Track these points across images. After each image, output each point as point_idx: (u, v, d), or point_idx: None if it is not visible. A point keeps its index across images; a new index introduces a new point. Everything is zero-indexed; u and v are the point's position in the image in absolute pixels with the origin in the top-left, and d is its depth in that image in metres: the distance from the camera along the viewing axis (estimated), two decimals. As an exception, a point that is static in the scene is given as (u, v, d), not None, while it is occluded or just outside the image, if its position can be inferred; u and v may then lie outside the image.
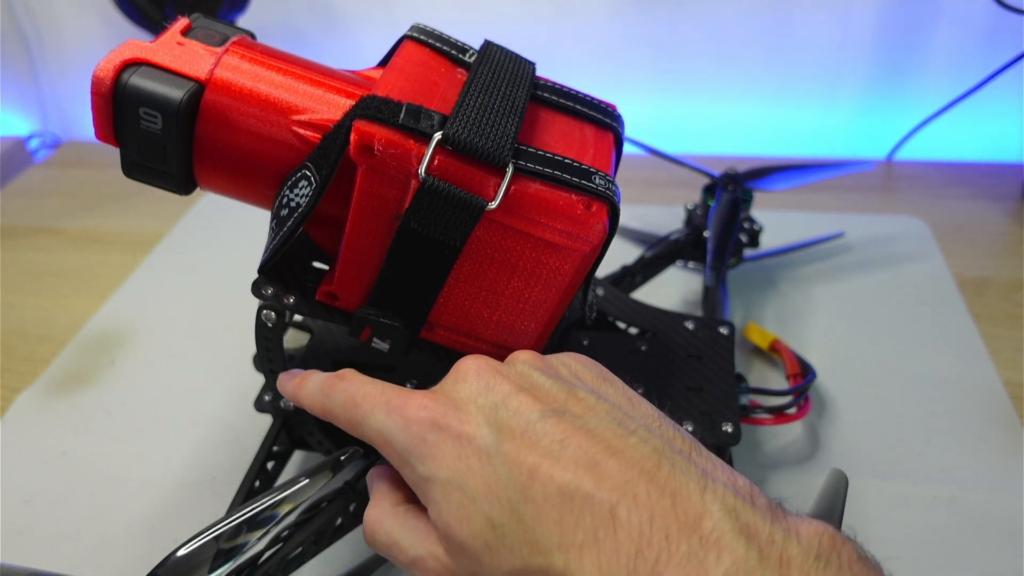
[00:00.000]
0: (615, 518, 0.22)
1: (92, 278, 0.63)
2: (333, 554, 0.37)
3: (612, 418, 0.25)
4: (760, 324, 0.52)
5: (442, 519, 0.24)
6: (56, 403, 0.50)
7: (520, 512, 0.23)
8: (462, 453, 0.24)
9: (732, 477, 0.24)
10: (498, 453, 0.24)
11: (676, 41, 0.75)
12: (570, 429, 0.24)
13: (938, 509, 0.40)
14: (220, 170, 0.30)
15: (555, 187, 0.28)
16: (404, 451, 0.26)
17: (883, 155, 0.75)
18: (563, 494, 0.22)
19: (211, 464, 0.45)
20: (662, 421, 0.26)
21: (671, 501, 0.22)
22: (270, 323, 0.33)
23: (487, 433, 0.24)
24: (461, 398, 0.26)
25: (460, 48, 0.32)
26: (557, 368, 0.28)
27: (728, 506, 0.22)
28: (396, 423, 0.26)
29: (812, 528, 0.22)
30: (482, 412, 0.25)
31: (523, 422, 0.24)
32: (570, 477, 0.23)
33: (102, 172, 0.79)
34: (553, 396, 0.26)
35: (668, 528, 0.21)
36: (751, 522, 0.21)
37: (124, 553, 0.40)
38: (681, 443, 0.25)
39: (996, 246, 0.61)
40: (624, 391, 0.28)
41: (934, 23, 0.70)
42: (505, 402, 0.25)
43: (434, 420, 0.25)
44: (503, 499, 0.23)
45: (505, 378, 0.26)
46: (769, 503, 0.23)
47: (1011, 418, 0.45)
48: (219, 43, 0.29)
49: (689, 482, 0.22)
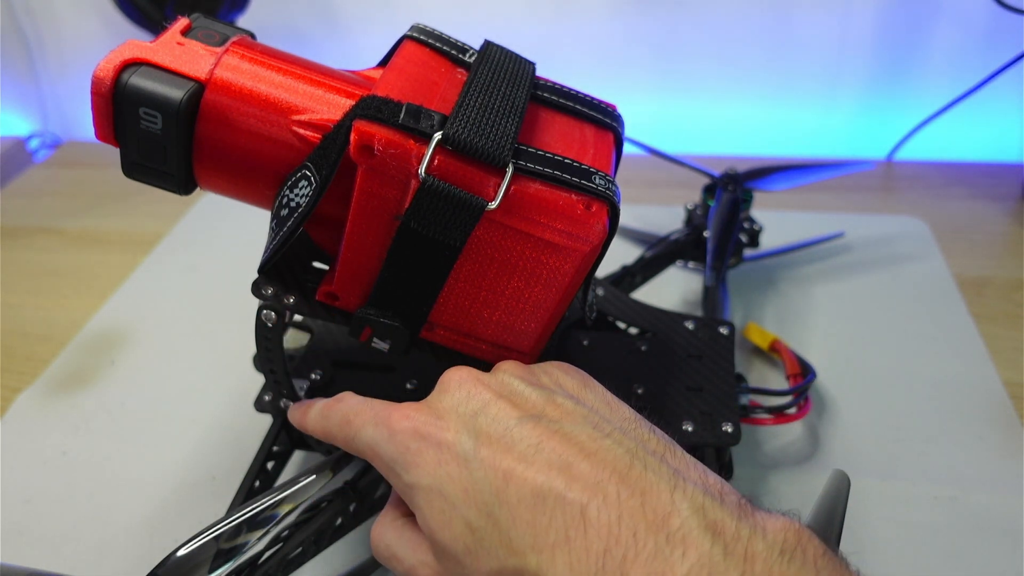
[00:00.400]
0: (585, 518, 0.22)
1: (92, 278, 0.63)
2: (333, 554, 0.37)
3: (588, 422, 0.26)
4: (760, 324, 0.52)
5: (427, 525, 0.25)
6: (56, 403, 0.50)
7: (496, 515, 0.23)
8: (442, 459, 0.25)
9: (704, 476, 0.24)
10: (475, 458, 0.25)
11: (676, 41, 0.75)
12: (545, 433, 0.25)
13: (938, 509, 0.40)
14: (220, 170, 0.30)
15: (555, 187, 0.28)
16: (390, 460, 0.27)
17: (883, 155, 0.75)
18: (536, 496, 0.23)
19: (211, 464, 0.45)
20: (639, 424, 0.27)
21: (640, 500, 0.22)
22: (270, 323, 0.33)
23: (465, 439, 0.25)
24: (444, 407, 0.27)
25: (460, 48, 0.32)
26: (539, 376, 0.29)
27: (696, 504, 0.22)
28: (382, 434, 0.27)
29: (779, 524, 0.22)
30: (462, 420, 0.26)
31: (500, 428, 0.25)
32: (543, 479, 0.23)
33: (102, 172, 0.79)
34: (532, 403, 0.27)
35: (636, 526, 0.22)
36: (718, 519, 0.22)
37: (124, 553, 0.40)
38: (655, 444, 0.26)
39: (996, 246, 0.61)
40: (603, 396, 0.29)
41: (934, 23, 0.70)
42: (484, 409, 0.26)
43: (416, 429, 0.26)
44: (480, 503, 0.24)
45: (486, 387, 0.27)
46: (739, 500, 0.24)
47: (1011, 418, 0.45)
48: (219, 43, 0.29)
49: (660, 482, 0.23)
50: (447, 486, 0.25)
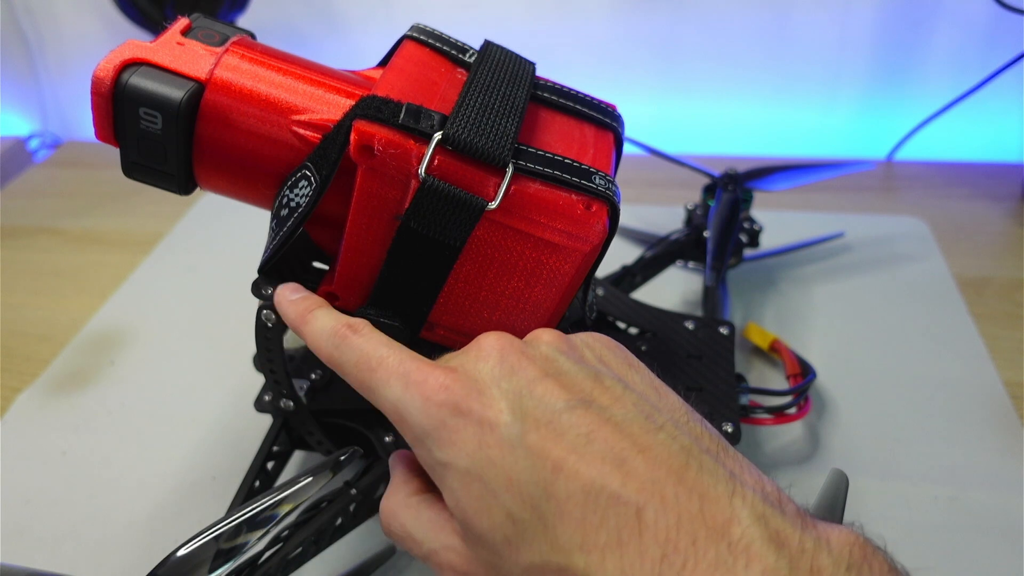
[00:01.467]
0: (641, 520, 0.21)
1: (92, 278, 0.63)
2: (333, 554, 0.37)
3: (639, 411, 0.24)
4: (760, 324, 0.52)
5: (460, 508, 0.24)
6: (56, 403, 0.50)
7: (541, 508, 0.22)
8: (484, 442, 0.23)
9: (760, 481, 0.23)
10: (521, 444, 0.23)
11: (676, 41, 0.75)
12: (597, 422, 0.23)
13: (938, 509, 0.40)
14: (220, 170, 0.30)
15: (555, 187, 0.28)
16: (421, 431, 0.24)
17: (883, 155, 0.75)
18: (587, 492, 0.22)
19: (211, 464, 0.45)
20: (689, 416, 0.25)
21: (699, 504, 0.21)
22: (270, 323, 0.33)
23: (511, 421, 0.23)
24: (483, 379, 0.25)
25: (460, 48, 0.32)
26: (582, 351, 0.27)
27: (757, 512, 0.21)
28: (413, 400, 0.25)
29: (843, 537, 0.21)
30: (506, 397, 0.24)
31: (548, 412, 0.23)
32: (595, 474, 0.22)
33: (102, 172, 0.79)
34: (579, 384, 0.25)
35: (696, 533, 0.20)
36: (781, 529, 0.21)
37: (124, 553, 0.40)
38: (709, 441, 0.24)
39: (996, 246, 0.61)
40: (650, 379, 0.27)
41: (934, 23, 0.70)
42: (530, 388, 0.24)
43: (455, 403, 0.24)
44: (525, 494, 0.22)
45: (530, 361, 0.25)
46: (798, 509, 0.22)
47: (1011, 418, 0.45)
48: (219, 43, 0.29)
49: (718, 485, 0.22)
50: (488, 471, 0.23)
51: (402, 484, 0.28)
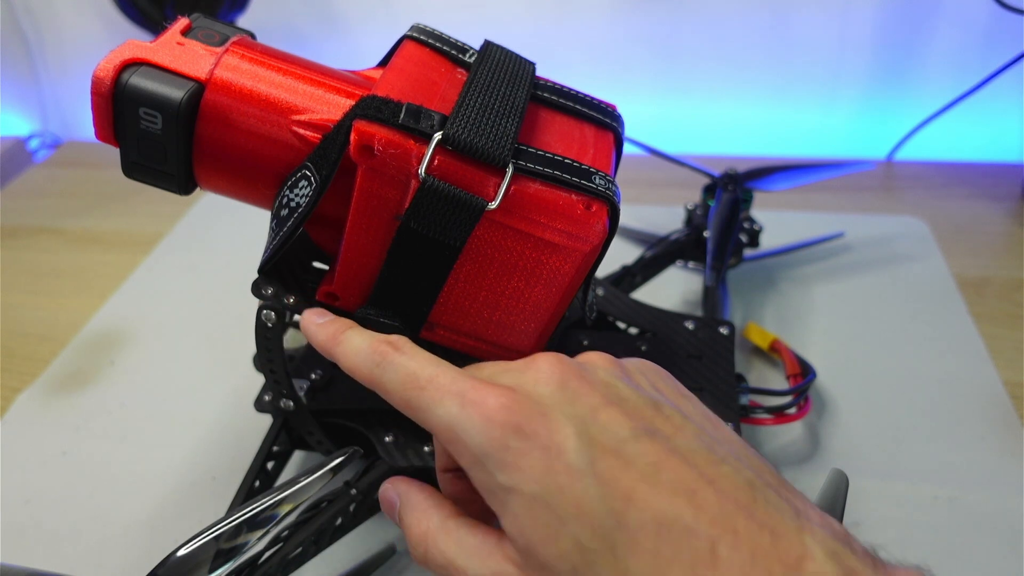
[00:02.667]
0: (715, 554, 0.20)
1: (92, 278, 0.63)
2: (333, 554, 0.37)
3: (701, 442, 0.23)
4: (760, 324, 0.52)
5: (524, 535, 0.23)
6: (56, 403, 0.50)
7: (613, 539, 0.21)
8: (551, 467, 0.22)
9: (824, 518, 0.23)
10: (590, 472, 0.22)
11: (676, 41, 0.75)
12: (663, 451, 0.22)
13: (938, 509, 0.40)
14: (220, 170, 0.30)
15: (555, 187, 0.28)
16: (481, 453, 0.23)
17: (883, 155, 0.75)
18: (660, 523, 0.21)
19: (211, 464, 0.45)
20: (746, 448, 0.25)
21: (771, 539, 0.21)
22: (270, 323, 0.33)
23: (578, 447, 0.22)
24: (546, 403, 0.24)
25: (460, 48, 0.32)
26: (637, 378, 0.26)
27: (829, 549, 0.21)
28: (472, 420, 0.23)
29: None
30: (572, 423, 0.23)
31: (614, 440, 0.23)
32: (667, 505, 0.21)
33: (102, 172, 0.79)
34: (641, 412, 0.24)
35: (771, 569, 0.20)
36: (854, 568, 0.20)
37: (124, 553, 0.40)
38: (770, 476, 0.24)
39: (996, 246, 0.61)
40: (703, 409, 0.26)
41: (934, 23, 0.70)
42: (594, 415, 0.23)
43: (518, 425, 0.23)
44: (595, 523, 0.21)
45: (592, 387, 0.24)
46: (865, 549, 0.22)
47: (1011, 418, 0.45)
48: (219, 43, 0.29)
49: (785, 520, 0.21)
50: (556, 498, 0.22)
51: (431, 508, 0.26)
